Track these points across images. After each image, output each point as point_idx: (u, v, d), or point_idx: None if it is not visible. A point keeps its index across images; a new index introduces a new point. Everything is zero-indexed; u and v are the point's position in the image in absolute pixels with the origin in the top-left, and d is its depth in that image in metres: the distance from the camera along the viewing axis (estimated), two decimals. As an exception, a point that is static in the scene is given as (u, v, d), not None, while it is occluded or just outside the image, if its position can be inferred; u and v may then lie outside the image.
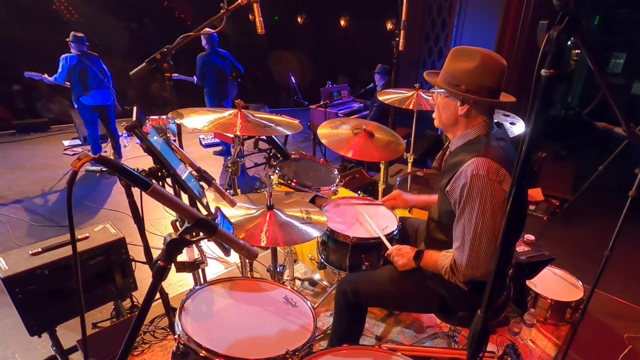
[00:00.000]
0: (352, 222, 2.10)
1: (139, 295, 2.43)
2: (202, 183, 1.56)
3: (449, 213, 1.45)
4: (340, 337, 1.76)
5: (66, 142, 5.91)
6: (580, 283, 2.49)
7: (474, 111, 1.40)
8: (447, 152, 1.57)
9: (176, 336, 1.27)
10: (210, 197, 1.56)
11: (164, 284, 1.96)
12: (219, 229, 0.93)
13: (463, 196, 1.32)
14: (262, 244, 1.58)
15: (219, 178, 4.77)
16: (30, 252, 1.90)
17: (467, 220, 1.33)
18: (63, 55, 4.40)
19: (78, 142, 5.88)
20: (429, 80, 1.52)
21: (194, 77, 5.16)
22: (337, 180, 2.50)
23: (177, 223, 1.35)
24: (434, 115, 1.54)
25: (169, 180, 1.42)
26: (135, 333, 0.96)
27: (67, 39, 4.36)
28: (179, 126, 1.91)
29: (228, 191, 1.84)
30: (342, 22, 8.68)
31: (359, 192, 2.47)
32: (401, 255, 1.63)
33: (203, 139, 6.10)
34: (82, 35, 4.40)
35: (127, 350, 0.97)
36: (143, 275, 2.69)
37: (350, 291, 1.66)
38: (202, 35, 4.91)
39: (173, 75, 1.80)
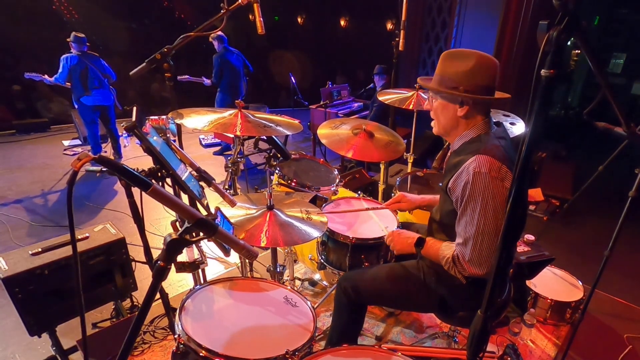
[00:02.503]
0: (352, 222, 2.10)
1: (139, 295, 2.43)
2: (201, 183, 1.56)
3: (450, 213, 1.45)
4: (339, 335, 1.76)
5: (66, 142, 5.91)
6: (580, 283, 2.49)
7: (472, 111, 1.40)
8: (449, 153, 1.56)
9: (176, 336, 1.27)
10: (210, 196, 1.56)
11: (164, 284, 1.96)
12: (219, 229, 0.93)
13: (465, 194, 1.33)
14: (262, 244, 1.58)
15: (219, 178, 4.77)
16: (30, 252, 1.90)
17: (469, 218, 1.33)
18: (63, 56, 4.40)
19: (78, 142, 5.88)
20: (424, 85, 1.51)
21: (203, 78, 5.22)
22: (337, 180, 2.50)
23: (177, 223, 1.35)
24: (432, 123, 1.53)
25: (168, 180, 1.42)
26: (135, 333, 0.96)
27: (68, 39, 4.37)
28: (179, 126, 1.91)
29: (228, 191, 1.84)
30: (342, 22, 8.68)
31: (359, 192, 2.47)
32: (401, 239, 1.63)
33: (203, 139, 6.10)
34: (83, 35, 4.40)
35: (127, 350, 0.97)
36: (143, 275, 2.69)
37: (351, 288, 1.66)
38: (211, 38, 5.01)
39: (182, 77, 1.81)
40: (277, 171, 2.37)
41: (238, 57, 5.33)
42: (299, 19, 8.62)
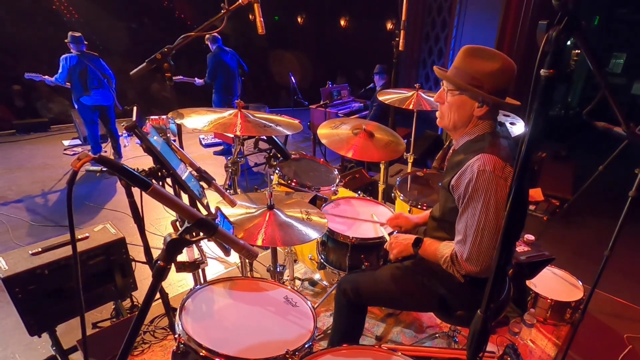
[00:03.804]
0: (352, 222, 2.10)
1: (139, 295, 2.43)
2: (202, 183, 1.56)
3: (451, 210, 1.45)
4: (340, 337, 1.76)
5: (66, 142, 5.91)
6: (580, 283, 2.49)
7: (489, 112, 1.39)
8: (451, 150, 1.56)
9: (176, 336, 1.27)
10: (210, 196, 1.56)
11: (164, 284, 1.96)
12: (219, 229, 0.93)
13: (468, 191, 1.32)
14: (259, 243, 1.57)
15: (219, 178, 4.77)
16: (30, 252, 1.90)
17: (470, 215, 1.33)
18: (63, 56, 4.40)
19: (78, 142, 5.88)
20: (447, 76, 1.42)
21: (195, 78, 5.21)
22: (337, 180, 2.50)
23: (177, 223, 1.35)
24: (438, 114, 1.50)
25: (169, 180, 1.42)
26: (135, 333, 0.96)
27: (66, 40, 4.36)
28: (179, 126, 1.91)
29: (228, 191, 1.84)
30: (342, 22, 8.68)
31: (359, 192, 2.47)
32: (399, 242, 1.62)
33: (203, 139, 6.11)
34: (79, 34, 4.39)
35: (127, 350, 0.97)
36: (143, 275, 2.69)
37: (351, 290, 1.66)
38: (205, 38, 5.00)
39: (177, 77, 1.80)
40: (277, 171, 2.37)
41: (232, 56, 5.29)
42: (299, 19, 8.62)
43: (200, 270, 1.98)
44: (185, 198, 1.36)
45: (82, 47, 4.42)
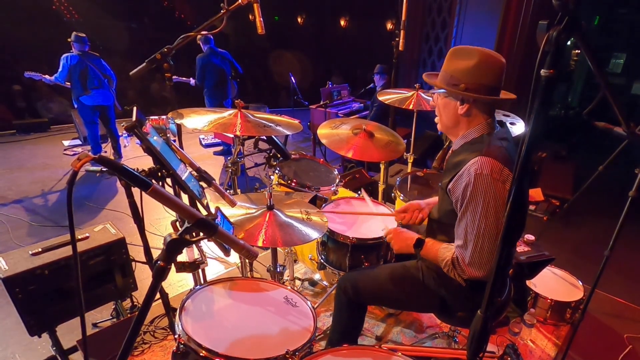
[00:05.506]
0: (352, 222, 2.10)
1: (139, 295, 2.43)
2: (201, 183, 1.56)
3: (449, 212, 1.45)
4: (339, 335, 1.76)
5: (66, 142, 5.91)
6: (580, 283, 2.50)
7: (474, 110, 1.38)
8: (450, 152, 1.56)
9: (176, 336, 1.27)
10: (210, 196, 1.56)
11: (164, 284, 1.96)
12: (219, 229, 0.93)
13: (466, 195, 1.31)
14: (260, 244, 1.57)
15: (219, 178, 4.77)
16: (30, 252, 1.90)
17: (470, 220, 1.32)
18: (64, 55, 4.41)
19: (78, 142, 5.88)
20: (428, 81, 1.51)
21: (190, 78, 5.18)
22: (337, 180, 2.50)
23: (177, 223, 1.35)
24: (436, 119, 1.53)
25: (169, 180, 1.42)
26: (135, 333, 0.96)
27: (69, 39, 4.37)
28: (179, 126, 1.92)
29: (228, 191, 1.84)
30: (342, 22, 8.69)
31: (359, 192, 2.47)
32: (400, 239, 1.61)
33: (203, 139, 6.11)
34: (84, 35, 4.41)
35: (127, 350, 0.97)
36: (143, 275, 2.69)
37: (351, 288, 1.66)
38: (197, 37, 4.98)
39: (173, 77, 1.80)
40: (277, 171, 2.37)
41: (223, 59, 5.20)
42: (299, 19, 8.62)
43: (200, 271, 1.98)
44: (185, 198, 1.36)
45: (85, 47, 4.43)
